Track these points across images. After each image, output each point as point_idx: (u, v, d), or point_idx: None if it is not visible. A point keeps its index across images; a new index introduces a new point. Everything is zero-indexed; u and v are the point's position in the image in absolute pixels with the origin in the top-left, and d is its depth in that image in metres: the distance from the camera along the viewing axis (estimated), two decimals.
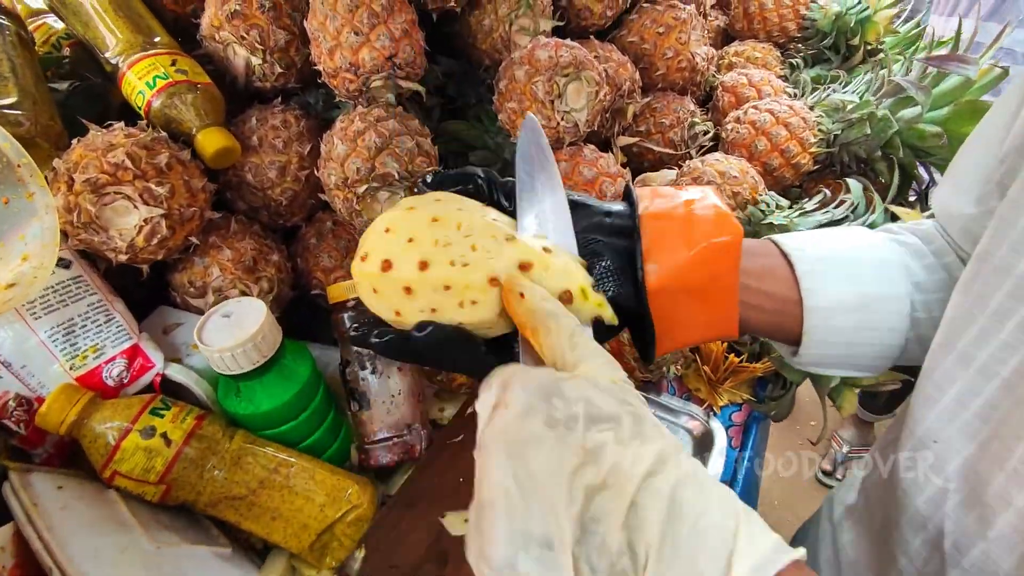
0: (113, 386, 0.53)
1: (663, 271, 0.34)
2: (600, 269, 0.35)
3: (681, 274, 0.34)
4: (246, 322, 0.53)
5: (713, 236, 0.34)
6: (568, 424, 0.24)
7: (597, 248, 0.35)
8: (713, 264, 0.34)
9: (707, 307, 0.35)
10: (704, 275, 0.34)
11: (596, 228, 0.35)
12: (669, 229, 0.35)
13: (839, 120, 0.77)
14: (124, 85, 0.61)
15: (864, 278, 0.38)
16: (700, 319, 0.35)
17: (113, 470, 0.49)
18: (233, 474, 0.52)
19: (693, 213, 0.35)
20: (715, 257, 0.34)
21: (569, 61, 0.67)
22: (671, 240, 0.34)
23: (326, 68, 0.64)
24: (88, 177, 0.52)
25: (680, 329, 0.35)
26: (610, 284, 0.35)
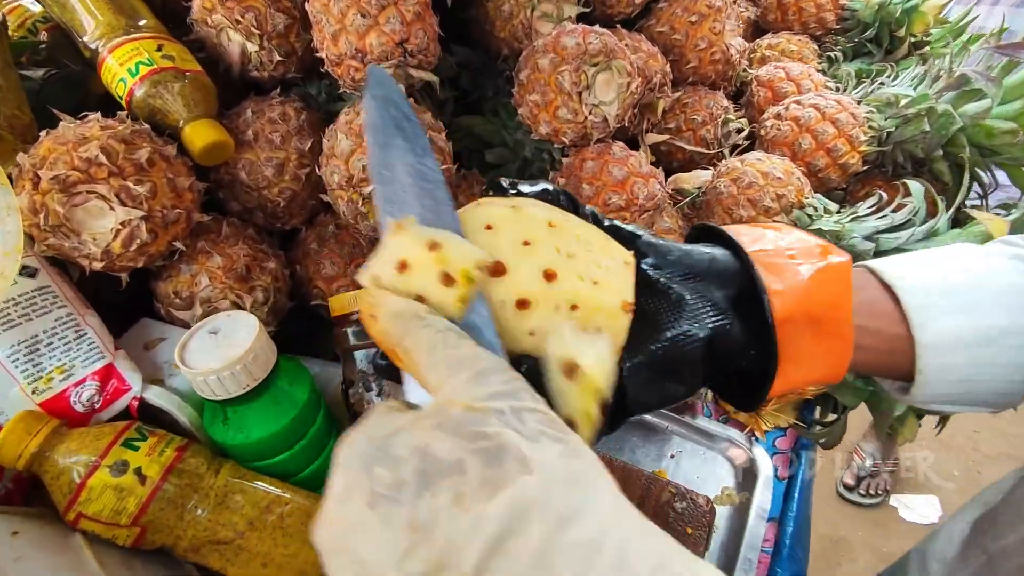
0: (83, 412, 0.46)
1: (787, 296, 0.30)
2: (705, 307, 0.30)
3: (804, 299, 0.30)
4: (235, 340, 0.47)
5: (819, 262, 0.31)
6: (393, 496, 0.19)
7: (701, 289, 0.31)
8: (830, 288, 0.31)
9: (825, 339, 0.31)
10: (824, 300, 0.30)
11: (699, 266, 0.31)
12: (776, 257, 0.31)
13: (892, 116, 0.70)
14: (104, 72, 0.54)
15: (982, 308, 0.33)
16: (817, 353, 0.31)
17: (78, 512, 0.42)
18: (218, 514, 0.45)
19: (791, 244, 0.32)
20: (831, 280, 0.31)
21: (599, 49, 0.60)
22: (783, 267, 0.31)
23: (329, 55, 0.58)
24: (57, 174, 0.45)
25: (795, 366, 0.31)
26: (719, 320, 0.30)
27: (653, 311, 0.30)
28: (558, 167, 0.68)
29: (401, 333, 0.24)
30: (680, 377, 0.30)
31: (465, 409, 0.21)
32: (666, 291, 0.30)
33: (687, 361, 0.30)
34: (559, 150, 0.69)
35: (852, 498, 1.84)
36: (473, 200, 0.63)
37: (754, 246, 0.32)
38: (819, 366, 0.31)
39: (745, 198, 0.67)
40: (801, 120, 0.72)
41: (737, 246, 0.32)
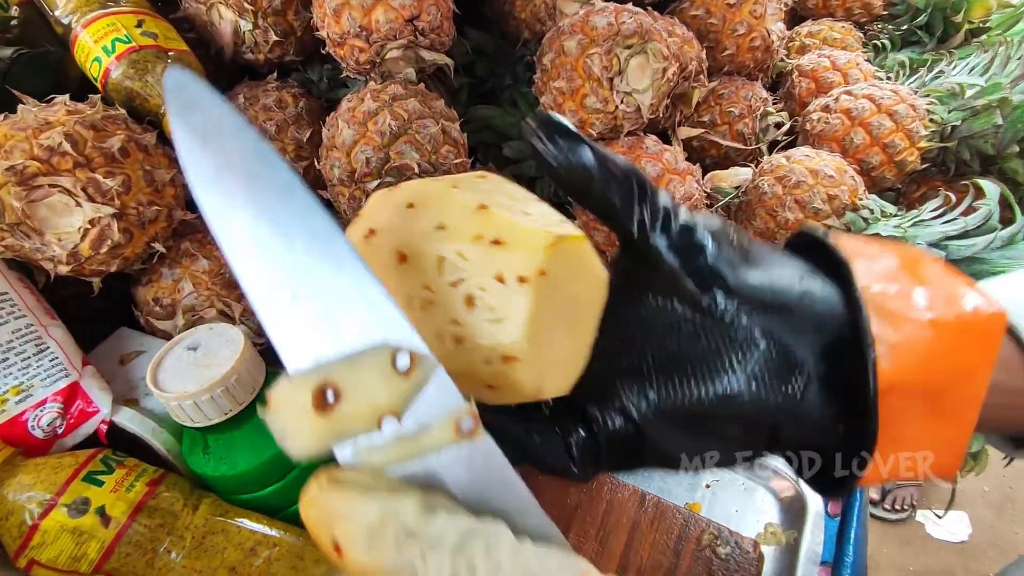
0: (42, 438, 0.40)
1: (899, 356, 0.22)
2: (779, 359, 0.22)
3: (923, 363, 0.22)
4: (217, 358, 0.41)
5: (962, 309, 0.23)
6: None
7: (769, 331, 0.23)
8: (964, 352, 0.23)
9: (942, 416, 0.23)
10: (950, 366, 0.23)
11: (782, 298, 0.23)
12: (895, 301, 0.23)
13: (957, 108, 0.63)
14: (77, 50, 0.49)
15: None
16: (923, 430, 0.23)
17: (30, 558, 0.36)
18: (196, 559, 0.39)
19: (923, 274, 0.24)
20: (967, 342, 0.23)
21: (633, 30, 0.54)
22: (902, 313, 0.22)
23: (331, 34, 0.51)
24: (13, 164, 0.39)
25: (894, 444, 0.23)
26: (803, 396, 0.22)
27: (703, 349, 0.23)
28: None
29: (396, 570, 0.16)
30: (725, 442, 0.24)
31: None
32: (730, 324, 0.22)
33: (736, 425, 0.23)
34: None
35: (877, 513, 1.76)
36: None
37: (873, 282, 0.23)
38: (925, 443, 0.24)
39: (792, 199, 0.60)
40: (853, 112, 0.65)
41: (847, 276, 0.23)
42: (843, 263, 0.24)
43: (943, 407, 0.23)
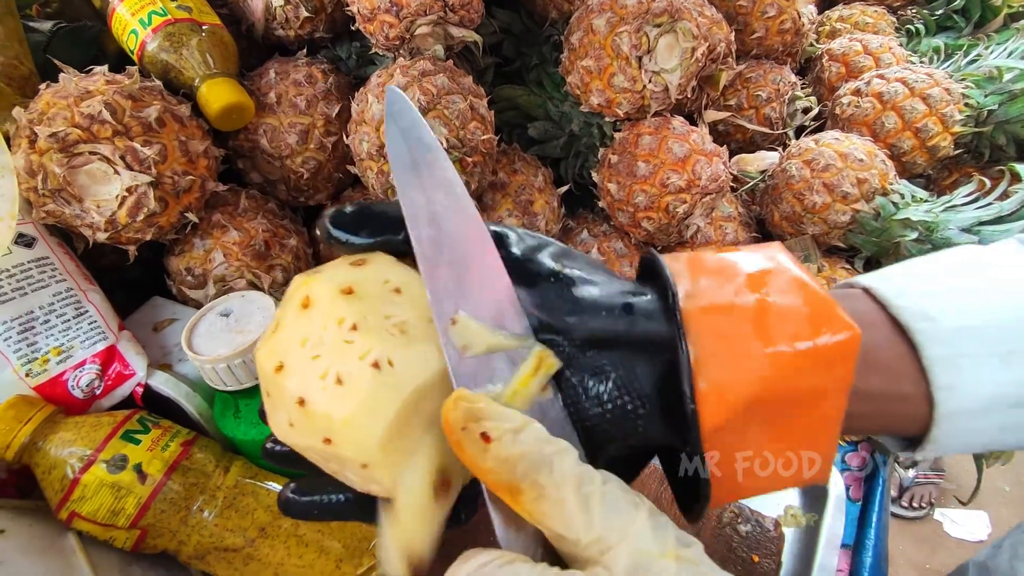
0: (81, 398, 0.42)
1: (724, 397, 0.21)
2: (609, 392, 0.22)
3: (757, 397, 0.21)
4: (249, 324, 0.41)
5: (808, 336, 0.22)
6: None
7: (599, 363, 0.23)
8: (812, 376, 0.22)
9: (788, 446, 0.23)
10: (790, 396, 0.22)
11: (608, 333, 0.23)
12: (732, 328, 0.22)
13: (995, 92, 0.61)
14: (115, 24, 0.49)
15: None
16: (779, 463, 0.23)
17: (71, 511, 0.38)
18: (227, 518, 0.41)
19: (768, 301, 0.22)
20: (812, 368, 0.22)
21: (664, 8, 0.53)
22: (737, 344, 0.22)
23: (361, 9, 0.52)
24: (55, 131, 0.40)
25: (745, 478, 0.23)
26: (646, 422, 0.23)
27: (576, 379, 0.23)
28: (609, 143, 0.61)
29: (532, 464, 0.19)
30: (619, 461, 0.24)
31: (677, 562, 0.18)
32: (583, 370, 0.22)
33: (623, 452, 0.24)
34: (611, 124, 0.62)
35: (894, 510, 1.74)
36: (514, 177, 0.56)
37: (704, 299, 0.22)
38: (780, 477, 0.23)
39: (820, 182, 0.59)
40: (885, 96, 0.64)
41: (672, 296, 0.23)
42: (671, 290, 0.23)
43: (791, 435, 0.23)
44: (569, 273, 0.24)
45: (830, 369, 0.22)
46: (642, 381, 0.22)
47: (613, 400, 0.22)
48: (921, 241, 0.54)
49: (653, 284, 0.25)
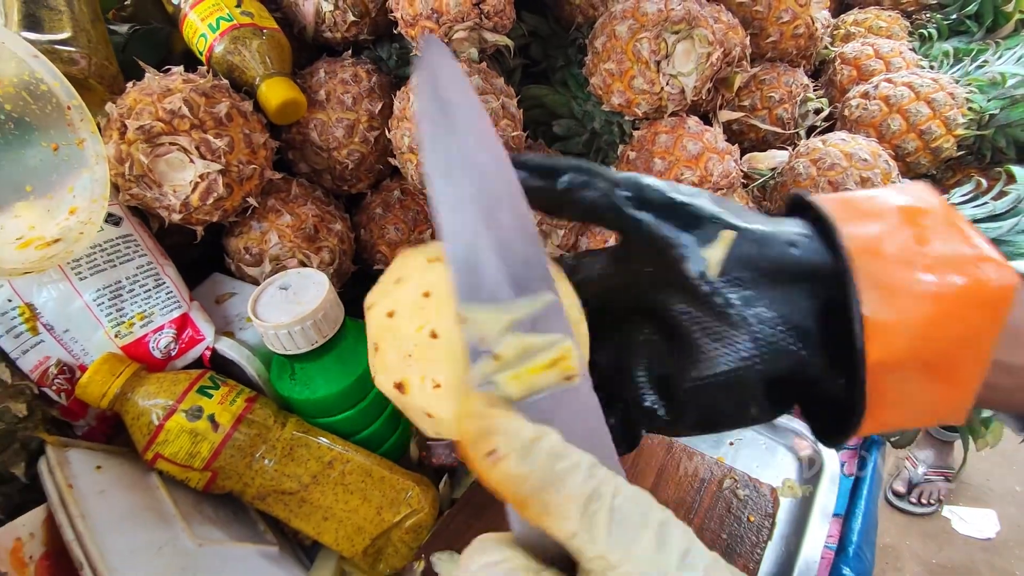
0: (160, 358, 0.48)
1: (890, 337, 0.22)
2: (776, 331, 0.23)
3: (919, 339, 0.22)
4: (306, 297, 0.47)
5: (967, 274, 0.22)
6: None
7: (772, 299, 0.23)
8: (965, 321, 0.22)
9: (941, 386, 0.23)
10: (950, 338, 0.22)
11: (777, 266, 0.23)
12: (892, 268, 0.22)
13: (997, 97, 0.64)
14: (185, 28, 0.55)
15: None
16: (921, 399, 0.24)
17: (156, 452, 0.44)
18: (284, 466, 0.46)
19: (927, 234, 0.22)
20: (969, 311, 0.22)
21: (682, 16, 0.58)
22: (900, 282, 0.22)
23: (404, 15, 0.57)
24: (142, 124, 0.46)
25: (887, 412, 0.23)
26: (794, 351, 0.23)
27: (701, 332, 0.24)
28: (628, 140, 0.66)
29: (541, 482, 0.18)
30: (739, 409, 0.25)
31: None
32: (723, 311, 0.23)
33: (746, 395, 0.24)
34: (630, 123, 0.66)
35: (902, 506, 1.77)
36: None
37: (866, 240, 0.22)
38: (925, 415, 0.24)
39: (826, 180, 0.63)
40: (892, 99, 0.67)
41: (839, 246, 0.23)
42: (834, 230, 0.23)
43: (941, 375, 0.23)
44: (727, 217, 0.24)
45: (986, 312, 0.22)
46: (804, 316, 0.23)
47: (774, 329, 0.23)
48: None
49: (808, 219, 0.25)
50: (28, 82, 0.43)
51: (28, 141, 0.45)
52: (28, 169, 0.46)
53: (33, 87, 0.43)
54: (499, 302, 0.20)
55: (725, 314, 0.23)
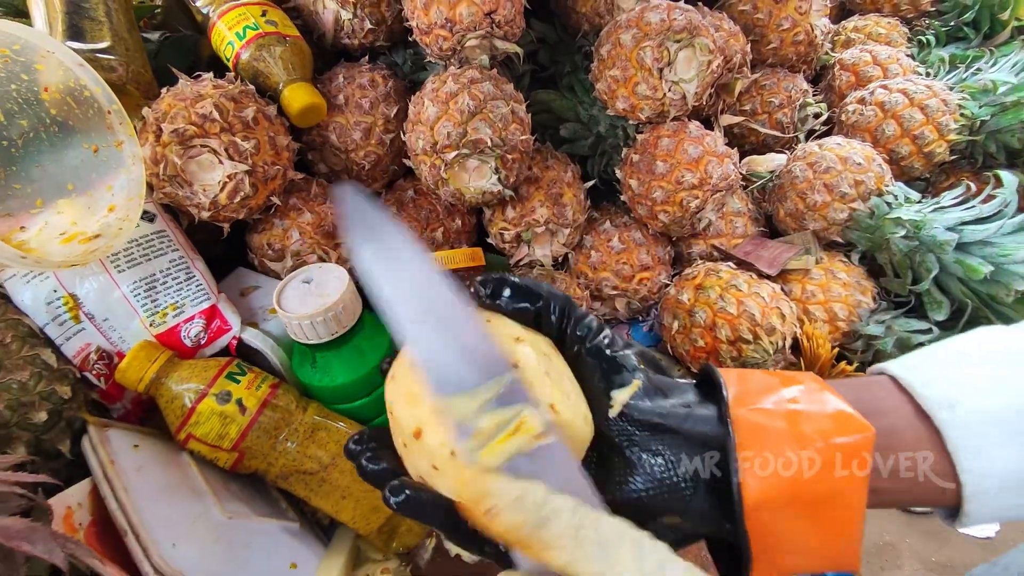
0: (190, 346, 0.51)
1: (765, 480, 0.26)
2: (673, 478, 0.27)
3: (789, 485, 0.26)
4: (327, 290, 0.50)
5: (833, 435, 0.26)
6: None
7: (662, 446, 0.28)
8: (833, 472, 0.26)
9: (822, 530, 0.27)
10: (821, 487, 0.26)
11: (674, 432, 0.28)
12: (771, 426, 0.27)
13: (988, 104, 0.67)
14: (214, 35, 0.59)
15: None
16: (811, 544, 0.27)
17: (188, 433, 0.47)
18: (306, 447, 0.50)
19: (800, 410, 0.27)
20: (835, 463, 0.26)
21: (683, 26, 0.60)
22: (774, 439, 0.27)
23: (419, 24, 0.60)
24: (176, 128, 0.50)
25: (783, 555, 0.27)
26: (691, 499, 0.27)
27: (617, 469, 0.28)
28: (632, 143, 0.69)
29: (534, 526, 0.23)
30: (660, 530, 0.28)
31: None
32: (620, 450, 0.28)
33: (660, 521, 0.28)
34: (634, 127, 0.69)
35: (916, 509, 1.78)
36: (547, 172, 0.64)
37: (751, 403, 0.27)
38: (814, 556, 0.27)
39: (821, 183, 0.66)
40: (886, 105, 0.70)
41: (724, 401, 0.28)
42: (721, 392, 0.28)
43: (823, 518, 0.26)
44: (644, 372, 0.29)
45: (852, 458, 0.26)
46: (690, 466, 0.27)
47: (665, 474, 0.27)
48: (909, 238, 0.61)
49: (709, 389, 0.30)
50: (73, 88, 0.46)
51: (70, 143, 0.49)
52: (70, 169, 0.49)
53: (77, 93, 0.47)
54: (468, 390, 0.25)
55: (622, 451, 0.28)
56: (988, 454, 0.27)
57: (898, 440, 0.27)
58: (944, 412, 0.27)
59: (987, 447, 0.27)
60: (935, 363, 0.30)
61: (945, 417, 0.27)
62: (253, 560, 0.44)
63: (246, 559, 0.43)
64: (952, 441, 0.27)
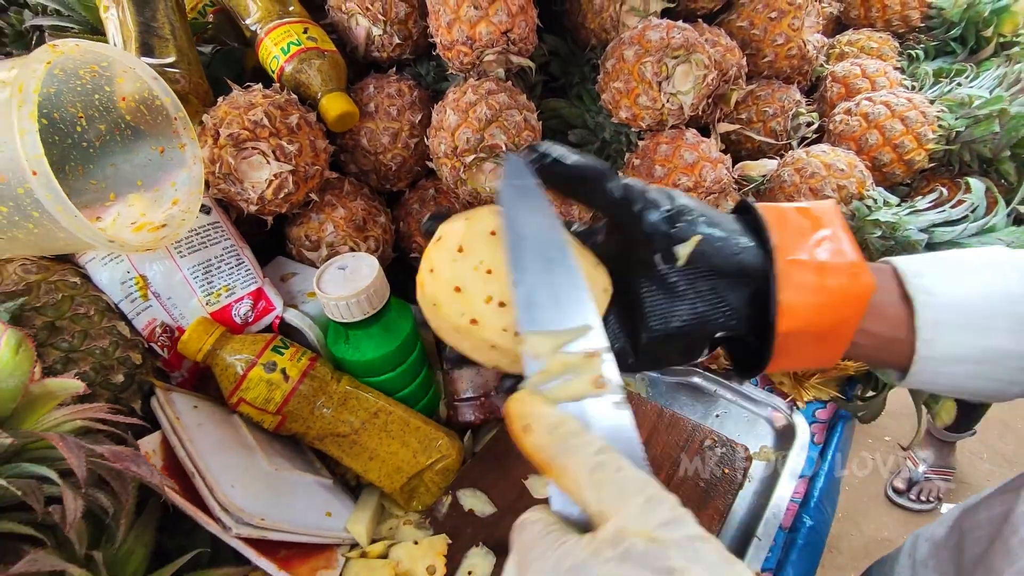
0: (239, 324, 0.58)
1: (795, 317, 0.33)
2: (719, 307, 0.34)
3: (809, 320, 0.33)
4: (359, 275, 0.57)
5: (845, 286, 0.33)
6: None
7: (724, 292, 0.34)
8: (839, 312, 0.33)
9: (820, 347, 0.35)
10: (829, 322, 0.33)
11: (725, 266, 0.34)
12: (802, 272, 0.33)
13: (963, 116, 0.72)
14: (261, 50, 0.66)
15: (996, 332, 0.34)
16: (809, 354, 0.35)
17: (239, 397, 0.54)
18: (339, 413, 0.57)
19: (826, 260, 0.34)
20: (843, 306, 0.33)
21: (680, 43, 0.67)
22: (804, 284, 0.33)
23: (443, 40, 0.67)
24: (232, 132, 0.57)
25: (786, 359, 0.35)
26: (728, 322, 0.34)
27: (666, 305, 0.34)
28: (634, 149, 0.75)
29: (558, 451, 0.24)
30: (686, 350, 0.35)
31: (648, 541, 0.21)
32: (682, 294, 0.33)
33: (693, 343, 0.35)
34: (636, 133, 0.75)
35: (901, 502, 1.83)
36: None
37: (788, 253, 0.33)
38: (808, 361, 0.36)
39: (807, 187, 0.72)
40: (870, 116, 0.76)
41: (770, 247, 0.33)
42: (769, 242, 0.33)
43: (823, 340, 0.34)
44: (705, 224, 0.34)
45: (856, 304, 0.33)
46: (737, 297, 0.34)
47: (713, 306, 0.33)
48: (885, 238, 0.66)
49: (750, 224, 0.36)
50: (147, 98, 0.54)
51: (140, 145, 0.56)
52: (139, 167, 0.56)
53: (150, 102, 0.54)
54: (550, 331, 0.28)
55: (677, 291, 0.34)
56: (944, 331, 0.34)
57: (881, 312, 0.34)
58: (923, 296, 0.34)
59: (945, 327, 0.34)
60: (932, 261, 0.37)
61: (922, 299, 0.34)
62: (296, 505, 0.51)
63: (290, 504, 0.50)
64: (922, 317, 0.34)
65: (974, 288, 0.35)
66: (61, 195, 0.42)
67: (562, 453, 0.24)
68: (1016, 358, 0.35)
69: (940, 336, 0.34)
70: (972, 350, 0.34)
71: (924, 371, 0.35)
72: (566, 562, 0.21)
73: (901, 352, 0.35)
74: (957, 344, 0.34)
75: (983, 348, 0.34)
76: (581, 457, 0.24)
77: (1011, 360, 0.35)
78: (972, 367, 0.35)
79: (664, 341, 0.34)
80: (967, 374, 0.35)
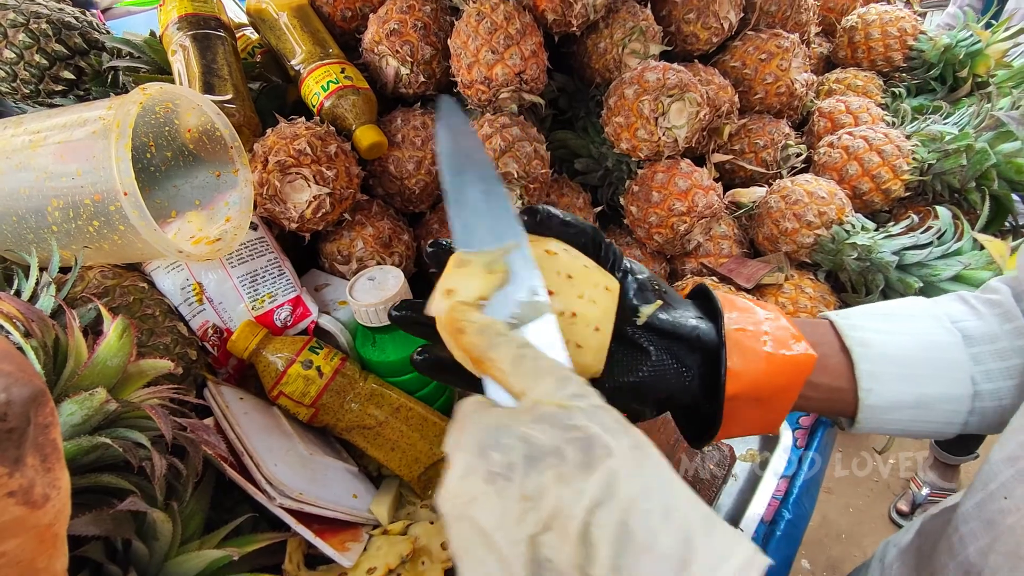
0: (280, 327, 0.66)
1: (741, 380, 0.36)
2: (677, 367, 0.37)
3: (755, 383, 0.36)
4: (386, 285, 0.65)
5: (787, 355, 0.37)
6: (506, 475, 0.24)
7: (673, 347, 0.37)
8: (783, 378, 0.36)
9: (764, 411, 0.38)
10: (774, 386, 0.36)
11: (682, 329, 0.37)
12: (750, 340, 0.37)
13: (935, 150, 0.79)
14: (303, 87, 0.75)
15: (924, 380, 0.38)
16: (754, 418, 0.38)
17: (279, 391, 0.62)
18: (366, 408, 0.64)
19: (769, 332, 0.38)
20: (788, 371, 0.36)
21: (675, 83, 0.75)
22: (752, 350, 0.36)
23: (463, 80, 0.75)
24: (279, 159, 0.65)
25: (733, 426, 0.38)
26: (689, 383, 0.37)
27: (630, 360, 0.36)
28: (633, 176, 0.83)
29: (487, 346, 0.28)
30: (644, 403, 0.38)
31: (557, 407, 0.25)
32: (646, 350, 0.36)
33: (651, 397, 0.37)
34: (635, 163, 0.83)
35: (904, 524, 1.84)
36: (562, 199, 0.78)
37: (736, 324, 0.37)
38: (753, 428, 0.38)
39: (791, 212, 0.79)
40: (850, 149, 0.83)
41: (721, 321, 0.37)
42: (720, 315, 0.37)
43: (766, 406, 0.37)
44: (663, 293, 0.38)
45: (797, 372, 0.36)
46: (691, 360, 0.37)
47: (670, 365, 0.36)
48: (861, 260, 0.73)
49: (705, 305, 0.39)
50: (209, 130, 0.62)
51: (199, 169, 0.65)
52: (197, 188, 0.65)
53: (211, 133, 0.63)
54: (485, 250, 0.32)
55: (640, 346, 0.37)
56: (881, 381, 0.38)
57: (824, 364, 0.38)
58: (859, 348, 0.39)
59: (882, 377, 0.38)
60: (863, 315, 0.41)
61: (860, 352, 0.38)
62: (328, 485, 0.58)
63: (323, 483, 0.57)
64: (860, 368, 0.38)
65: (903, 339, 0.39)
66: (146, 212, 0.50)
67: (490, 348, 0.28)
68: (945, 401, 0.39)
69: (878, 386, 0.38)
70: (907, 397, 0.38)
71: (871, 418, 0.39)
72: (492, 422, 0.26)
73: (847, 401, 0.39)
74: (895, 392, 0.38)
75: (917, 395, 0.38)
76: (506, 350, 0.28)
77: (942, 404, 0.39)
78: (911, 412, 0.39)
79: (627, 392, 0.36)
80: (909, 419, 0.39)
